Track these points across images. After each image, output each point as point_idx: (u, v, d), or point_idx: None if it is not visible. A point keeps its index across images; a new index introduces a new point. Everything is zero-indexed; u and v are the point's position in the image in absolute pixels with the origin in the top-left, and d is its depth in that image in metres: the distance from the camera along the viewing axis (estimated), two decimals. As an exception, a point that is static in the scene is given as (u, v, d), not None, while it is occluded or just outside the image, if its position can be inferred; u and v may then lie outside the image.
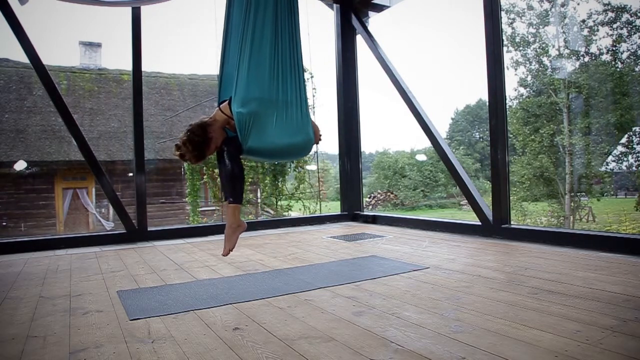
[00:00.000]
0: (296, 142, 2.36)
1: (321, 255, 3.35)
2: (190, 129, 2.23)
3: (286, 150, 2.40)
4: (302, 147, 2.42)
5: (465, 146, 22.53)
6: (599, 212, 10.67)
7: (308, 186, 10.35)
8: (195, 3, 20.14)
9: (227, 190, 2.32)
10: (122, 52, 17.05)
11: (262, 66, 2.27)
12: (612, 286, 2.16)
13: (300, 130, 2.35)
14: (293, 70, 2.35)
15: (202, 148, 2.23)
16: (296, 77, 2.35)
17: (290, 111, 2.31)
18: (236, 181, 2.29)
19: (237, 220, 2.34)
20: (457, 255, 3.13)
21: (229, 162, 2.26)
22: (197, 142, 2.21)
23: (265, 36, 2.29)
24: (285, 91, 2.31)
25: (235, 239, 2.38)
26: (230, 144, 2.29)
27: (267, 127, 2.26)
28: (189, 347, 1.62)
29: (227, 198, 2.31)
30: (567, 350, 1.46)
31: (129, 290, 2.47)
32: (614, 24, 10.16)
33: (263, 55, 2.28)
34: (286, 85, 2.32)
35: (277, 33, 2.32)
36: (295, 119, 2.33)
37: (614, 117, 9.98)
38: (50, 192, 11.48)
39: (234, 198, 2.29)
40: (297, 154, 2.52)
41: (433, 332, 1.68)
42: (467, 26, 34.60)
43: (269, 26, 2.30)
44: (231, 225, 2.34)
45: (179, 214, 12.14)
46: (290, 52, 2.35)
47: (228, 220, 2.35)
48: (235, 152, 2.28)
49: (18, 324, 1.95)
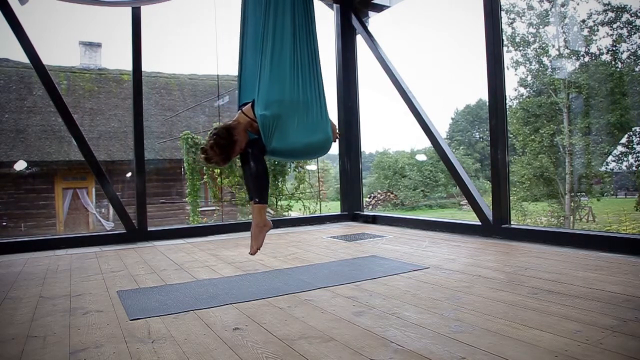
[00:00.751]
0: (316, 141, 2.41)
1: (321, 255, 3.35)
2: (216, 133, 2.28)
3: (307, 149, 2.46)
4: (322, 146, 2.46)
5: (465, 146, 22.53)
6: (599, 212, 10.67)
7: (308, 186, 10.35)
8: (195, 3, 20.16)
9: (252, 190, 2.38)
10: (122, 52, 17.06)
11: (282, 69, 2.32)
12: (612, 286, 2.16)
13: (320, 129, 2.40)
14: (312, 71, 2.39)
15: (228, 151, 2.28)
16: (315, 77, 2.40)
17: (311, 111, 2.37)
18: (261, 182, 2.35)
19: (264, 219, 2.40)
20: (457, 255, 3.13)
21: (254, 163, 2.31)
22: (223, 145, 2.26)
23: (285, 39, 2.34)
24: (305, 92, 2.36)
25: (262, 238, 2.43)
26: (254, 145, 2.34)
27: (289, 128, 2.32)
28: (189, 347, 1.62)
29: (253, 198, 2.38)
30: (567, 350, 1.46)
31: (129, 290, 2.47)
32: (614, 24, 10.15)
33: (283, 58, 2.33)
34: (306, 85, 2.36)
35: (296, 35, 2.36)
36: (316, 118, 2.38)
37: (614, 117, 9.98)
38: (50, 192, 11.48)
39: (260, 198, 2.35)
40: (317, 153, 2.57)
41: (433, 332, 1.68)
42: (467, 26, 34.62)
43: (288, 29, 2.35)
44: (258, 224, 2.39)
45: (179, 214, 12.13)
46: (308, 53, 2.40)
47: (254, 219, 2.39)
48: (259, 153, 2.33)
49: (18, 324, 1.95)
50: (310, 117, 2.36)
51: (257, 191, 2.34)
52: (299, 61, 2.35)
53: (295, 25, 2.36)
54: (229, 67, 19.70)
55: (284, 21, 2.34)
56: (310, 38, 2.42)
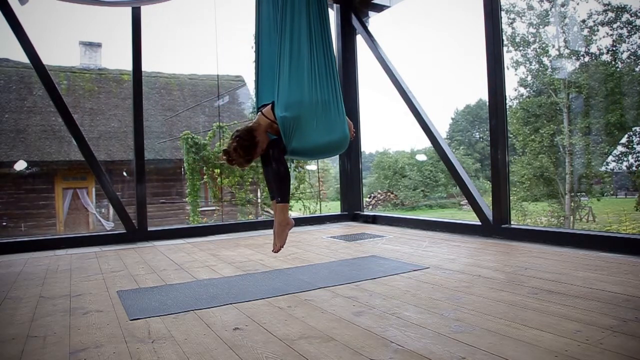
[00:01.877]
0: (335, 140, 2.43)
1: (321, 255, 3.35)
2: (239, 135, 2.31)
3: (326, 148, 2.49)
4: (340, 144, 2.49)
5: (465, 146, 22.52)
6: (599, 212, 10.66)
7: (308, 186, 10.35)
8: (195, 3, 20.14)
9: (275, 190, 2.42)
10: (122, 52, 17.04)
11: (300, 70, 2.35)
12: (612, 286, 2.16)
13: (338, 127, 2.42)
14: (328, 71, 2.41)
15: (250, 152, 2.32)
16: (331, 76, 2.42)
17: (329, 110, 2.39)
18: (283, 181, 2.37)
19: (287, 218, 2.44)
20: (457, 255, 3.13)
21: (275, 164, 2.34)
22: (246, 147, 2.29)
23: (302, 41, 2.36)
24: (323, 92, 2.38)
25: (285, 236, 2.46)
26: (275, 146, 2.36)
27: (308, 128, 2.35)
28: (189, 347, 1.62)
29: (275, 198, 2.41)
30: (567, 350, 1.46)
31: (129, 290, 2.47)
32: (614, 24, 10.15)
33: (301, 60, 2.35)
34: (323, 85, 2.39)
35: (311, 35, 2.39)
36: (333, 117, 2.40)
37: (614, 117, 9.97)
38: (50, 192, 11.48)
39: (282, 198, 2.38)
40: (335, 151, 2.61)
41: (433, 332, 1.68)
42: (467, 26, 34.59)
43: (304, 30, 2.37)
44: (280, 223, 2.42)
45: (179, 214, 12.13)
46: (324, 53, 2.42)
47: (277, 218, 2.43)
48: (280, 153, 2.36)
49: (18, 324, 1.95)
50: (328, 117, 2.39)
51: (279, 191, 2.38)
52: (315, 62, 2.38)
53: (311, 26, 2.39)
54: (229, 67, 19.65)
55: (300, 23, 2.37)
56: (325, 38, 2.45)
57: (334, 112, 2.40)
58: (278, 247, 2.47)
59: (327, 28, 2.46)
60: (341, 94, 2.44)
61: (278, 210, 2.41)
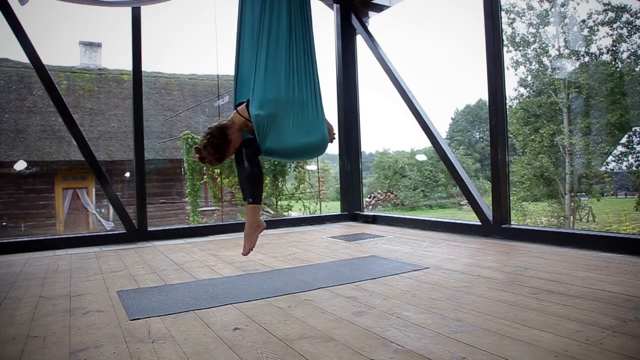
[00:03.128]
0: (312, 142, 2.39)
1: (321, 255, 3.35)
2: (210, 132, 2.26)
3: (302, 150, 2.44)
4: (318, 146, 2.44)
5: (465, 146, 22.54)
6: (599, 212, 10.67)
7: (308, 186, 10.35)
8: (195, 3, 20.14)
9: (246, 191, 2.36)
10: (122, 52, 17.06)
11: (278, 68, 2.30)
12: (612, 286, 2.16)
13: (316, 129, 2.38)
14: (308, 70, 2.37)
15: (222, 150, 2.26)
16: (311, 76, 2.38)
17: (306, 111, 2.35)
18: (255, 182, 2.33)
19: (257, 220, 2.38)
20: (457, 255, 3.13)
21: (248, 164, 2.30)
22: (217, 145, 2.24)
23: (280, 38, 2.32)
24: (301, 91, 2.34)
25: (255, 239, 2.41)
26: (249, 145, 2.32)
27: (284, 128, 2.29)
28: (189, 347, 1.62)
29: (247, 198, 2.35)
30: (567, 350, 1.46)
31: (129, 290, 2.47)
32: (614, 24, 10.15)
33: (279, 57, 2.31)
34: (302, 85, 2.34)
35: (291, 34, 2.34)
36: (311, 118, 2.36)
37: (614, 117, 9.98)
38: (50, 192, 11.48)
39: (254, 198, 2.33)
40: (313, 153, 2.55)
41: (433, 332, 1.68)
42: (467, 26, 34.63)
43: (284, 28, 2.33)
44: (251, 225, 2.37)
45: (179, 214, 12.14)
46: (304, 52, 2.38)
47: (248, 220, 2.37)
48: (254, 153, 2.31)
49: (18, 324, 1.95)
50: (305, 117, 2.33)
51: (251, 191, 2.32)
52: (294, 60, 2.33)
53: (292, 24, 2.34)
54: (229, 67, 19.62)
55: (280, 20, 2.32)
56: (306, 37, 2.39)
57: (312, 113, 2.34)
58: (247, 249, 2.40)
59: (309, 27, 2.41)
60: (321, 95, 2.38)
61: (249, 211, 2.35)
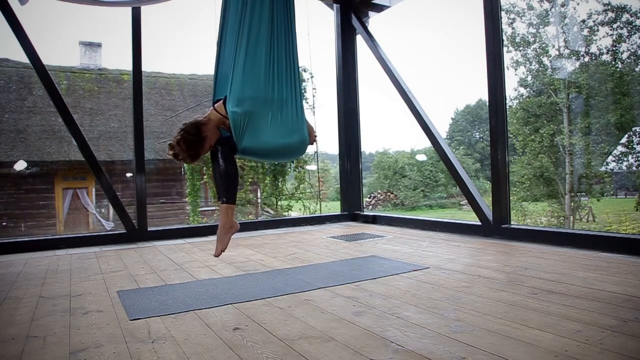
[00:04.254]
0: (291, 142, 2.34)
1: (321, 255, 3.35)
2: (184, 128, 2.21)
3: (281, 151, 2.38)
4: (297, 148, 2.40)
5: (465, 146, 22.54)
6: (599, 212, 10.66)
7: (308, 186, 10.35)
8: (195, 3, 20.14)
9: (220, 190, 2.29)
10: (122, 52, 17.04)
11: (257, 65, 2.25)
12: (612, 286, 2.16)
13: (295, 130, 2.33)
14: (289, 69, 2.32)
15: (196, 147, 2.21)
16: (292, 75, 2.32)
17: (285, 110, 2.29)
18: (230, 181, 2.27)
19: (230, 220, 2.33)
20: (457, 255, 3.13)
21: (223, 162, 2.24)
22: (191, 142, 2.20)
23: (261, 35, 2.27)
24: (280, 90, 2.28)
25: (227, 240, 2.36)
26: (225, 143, 2.27)
27: (261, 127, 2.24)
28: (189, 347, 1.62)
29: (221, 198, 2.29)
30: (567, 350, 1.46)
31: (129, 290, 2.47)
32: (614, 24, 10.15)
33: (259, 54, 2.26)
34: (282, 84, 2.29)
35: (273, 31, 2.29)
36: (291, 118, 2.31)
37: (614, 117, 9.98)
38: (50, 192, 11.48)
39: (227, 198, 2.27)
40: (291, 154, 2.50)
41: (433, 332, 1.68)
42: (467, 26, 34.62)
43: (265, 25, 2.28)
44: (224, 225, 2.32)
45: (179, 214, 12.14)
46: (286, 51, 2.33)
47: (221, 220, 2.32)
48: (230, 151, 2.26)
49: (18, 324, 1.95)
50: (284, 116, 2.28)
51: (225, 191, 2.27)
52: (275, 58, 2.28)
53: (274, 22, 2.29)
54: (229, 67, 19.50)
55: (262, 16, 2.27)
56: (289, 36, 2.35)
57: (291, 113, 2.29)
58: (219, 251, 2.35)
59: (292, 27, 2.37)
60: (302, 94, 2.33)
61: (222, 211, 2.29)
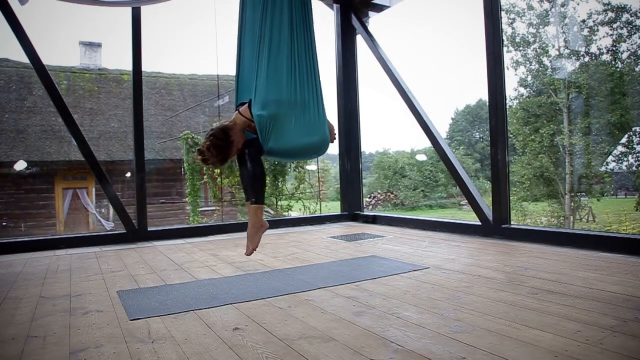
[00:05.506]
0: (313, 142, 2.40)
1: (321, 255, 3.35)
2: (213, 134, 2.27)
3: (304, 150, 2.46)
4: (319, 147, 2.46)
5: (465, 146, 22.54)
6: (599, 212, 10.66)
7: (308, 186, 10.35)
8: (195, 3, 20.15)
9: (249, 191, 2.38)
10: (122, 52, 17.05)
11: (280, 68, 2.31)
12: (612, 286, 2.16)
13: (317, 129, 2.39)
14: (309, 70, 2.38)
15: (225, 151, 2.28)
16: (312, 77, 2.39)
17: (308, 111, 2.36)
18: (258, 182, 2.34)
19: (260, 220, 2.40)
20: (457, 255, 3.13)
21: (251, 164, 2.31)
22: (220, 146, 2.26)
23: (282, 38, 2.33)
24: (302, 92, 2.35)
25: (258, 239, 2.43)
26: (251, 145, 2.33)
27: (286, 129, 2.31)
28: (189, 347, 1.62)
29: (250, 199, 2.37)
30: (567, 350, 1.46)
31: (129, 290, 2.47)
32: (614, 24, 10.15)
33: (281, 58, 2.32)
34: (303, 85, 2.35)
35: (293, 34, 2.35)
36: (313, 118, 2.37)
37: (614, 117, 9.98)
38: (50, 192, 11.48)
39: (257, 199, 2.34)
40: (314, 153, 2.57)
41: (433, 332, 1.68)
42: (467, 26, 34.63)
43: (285, 28, 2.34)
44: (254, 225, 2.39)
45: (179, 214, 12.13)
46: (305, 52, 2.39)
47: (251, 220, 2.39)
48: (256, 153, 2.33)
49: (18, 324, 1.95)
50: (307, 117, 2.34)
51: (254, 192, 2.34)
52: (296, 61, 2.34)
53: (293, 25, 2.35)
54: (229, 67, 19.61)
55: (282, 20, 2.32)
56: (307, 37, 2.40)
57: (313, 113, 2.35)
58: (250, 249, 2.41)
59: (310, 28, 2.41)
60: (322, 95, 2.39)
61: (252, 211, 2.36)
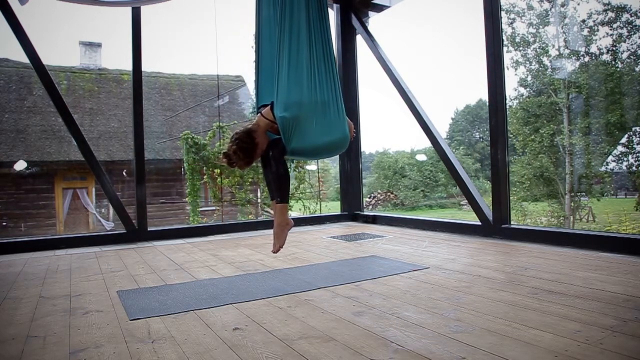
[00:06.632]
0: (334, 140, 2.44)
1: (321, 255, 3.35)
2: (238, 138, 2.32)
3: (326, 148, 2.50)
4: (340, 144, 2.49)
5: (465, 146, 22.53)
6: (599, 212, 10.66)
7: (308, 186, 10.35)
8: (195, 3, 20.14)
9: (274, 190, 2.44)
10: (122, 52, 17.04)
11: (300, 70, 2.35)
12: (612, 286, 2.16)
13: (338, 128, 2.43)
14: (328, 70, 2.41)
15: (251, 154, 2.33)
16: (331, 77, 2.42)
17: (328, 111, 2.39)
18: (282, 182, 2.39)
19: (286, 218, 2.45)
20: (457, 255, 3.13)
21: (275, 165, 2.36)
22: (246, 149, 2.30)
23: (301, 40, 2.36)
24: (322, 92, 2.38)
25: (284, 237, 2.48)
26: (275, 146, 2.38)
27: (308, 128, 2.35)
28: (189, 347, 1.62)
29: (275, 198, 2.43)
30: (567, 350, 1.46)
31: (129, 290, 2.47)
32: (614, 24, 10.15)
33: (300, 60, 2.35)
34: (323, 86, 2.39)
35: (311, 35, 2.39)
36: (333, 117, 2.41)
37: (614, 117, 9.97)
38: (50, 192, 11.47)
39: (282, 198, 2.40)
40: (335, 151, 2.62)
41: (433, 332, 1.68)
42: (467, 26, 34.60)
43: (304, 30, 2.37)
44: (280, 223, 2.44)
45: (179, 214, 12.13)
46: (323, 53, 2.42)
47: (277, 218, 2.44)
48: (280, 154, 2.37)
49: (18, 324, 1.95)
50: (328, 117, 2.39)
51: (279, 191, 2.40)
52: (315, 62, 2.38)
53: (311, 26, 2.38)
54: (229, 67, 19.64)
55: (300, 23, 2.36)
56: (325, 38, 2.44)
57: (333, 113, 2.40)
58: (277, 247, 2.48)
59: (327, 28, 2.45)
60: (341, 94, 2.44)
61: (277, 210, 2.43)
